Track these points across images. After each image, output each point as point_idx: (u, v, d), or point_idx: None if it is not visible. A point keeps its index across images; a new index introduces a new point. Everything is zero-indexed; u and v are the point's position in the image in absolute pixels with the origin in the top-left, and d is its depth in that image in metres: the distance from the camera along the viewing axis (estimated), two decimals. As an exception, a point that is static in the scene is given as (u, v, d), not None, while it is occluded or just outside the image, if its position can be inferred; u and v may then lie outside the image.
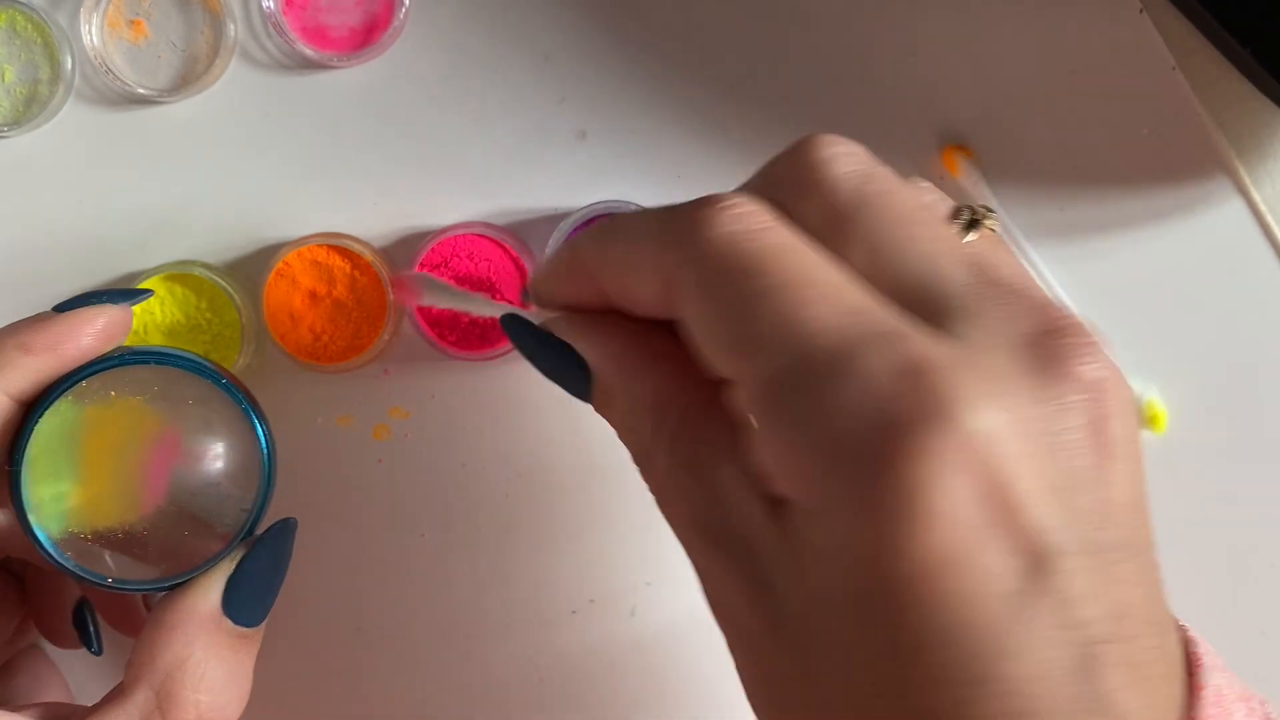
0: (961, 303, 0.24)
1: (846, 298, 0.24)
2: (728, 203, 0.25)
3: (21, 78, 0.44)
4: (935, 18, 0.44)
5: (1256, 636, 0.46)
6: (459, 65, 0.45)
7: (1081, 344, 0.24)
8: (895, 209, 0.25)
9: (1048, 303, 0.24)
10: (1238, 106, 0.44)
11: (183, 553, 0.33)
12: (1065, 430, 0.23)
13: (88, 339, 0.33)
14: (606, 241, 0.28)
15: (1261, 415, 0.45)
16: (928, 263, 0.25)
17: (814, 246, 0.25)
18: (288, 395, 0.45)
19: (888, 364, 0.22)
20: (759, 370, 0.24)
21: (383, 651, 0.45)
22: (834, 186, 0.25)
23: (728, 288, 0.24)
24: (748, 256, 0.24)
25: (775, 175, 0.27)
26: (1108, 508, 0.23)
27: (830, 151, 0.26)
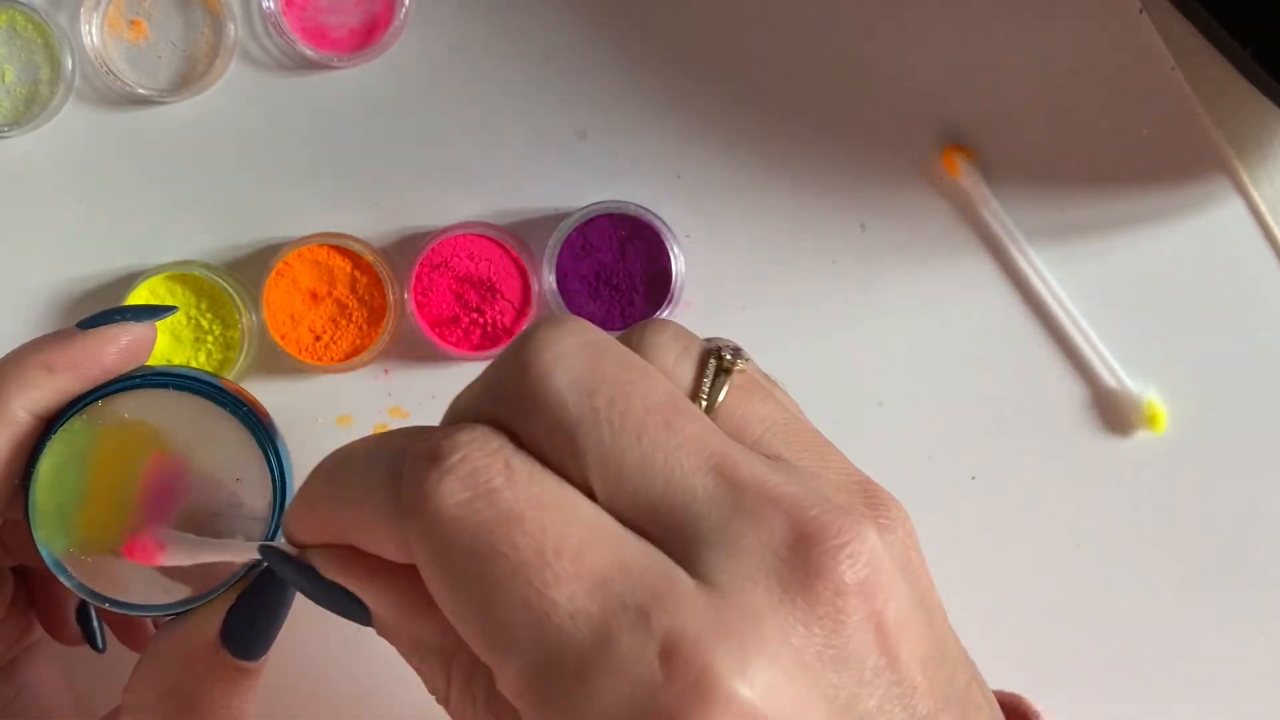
0: (708, 526, 0.23)
1: (590, 563, 0.22)
2: (453, 459, 0.23)
3: (22, 78, 0.44)
4: (936, 18, 0.44)
5: (1256, 636, 0.46)
6: (459, 65, 0.45)
7: (835, 546, 0.23)
8: (628, 419, 0.23)
9: (795, 498, 0.23)
10: (1238, 106, 0.44)
11: (198, 575, 0.33)
12: (844, 644, 0.22)
13: (111, 358, 0.33)
14: (334, 500, 0.26)
15: (1261, 415, 0.45)
16: (669, 480, 0.23)
17: (551, 482, 0.23)
18: (288, 395, 0.45)
19: (642, 650, 0.21)
20: (511, 666, 0.22)
21: (384, 651, 0.45)
22: (557, 406, 0.23)
23: (465, 575, 0.23)
24: (480, 532, 0.22)
25: (498, 391, 0.25)
26: (902, 689, 0.23)
27: (548, 358, 0.24)
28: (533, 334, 0.24)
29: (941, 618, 0.25)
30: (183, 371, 0.34)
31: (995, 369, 0.45)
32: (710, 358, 0.26)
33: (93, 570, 0.33)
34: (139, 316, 0.34)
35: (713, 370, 0.26)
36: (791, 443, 0.26)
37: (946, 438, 0.45)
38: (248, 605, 0.32)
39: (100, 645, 0.37)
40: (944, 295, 0.45)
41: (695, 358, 0.26)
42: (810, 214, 0.45)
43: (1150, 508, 0.45)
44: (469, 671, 0.25)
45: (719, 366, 0.26)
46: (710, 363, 0.26)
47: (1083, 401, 0.45)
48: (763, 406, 0.26)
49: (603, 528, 0.23)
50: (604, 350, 0.24)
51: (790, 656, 0.22)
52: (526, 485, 0.23)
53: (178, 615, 0.33)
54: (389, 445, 0.25)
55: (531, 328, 0.25)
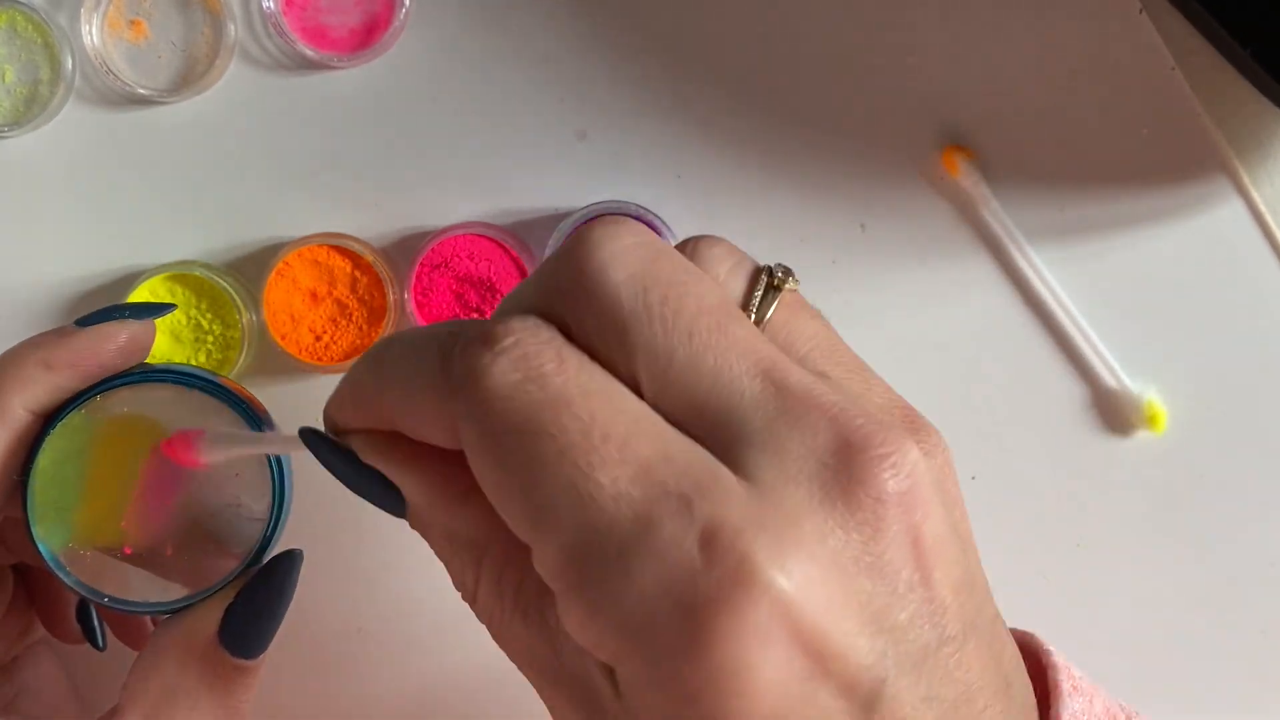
0: (754, 427, 0.23)
1: (636, 451, 0.23)
2: (506, 341, 0.23)
3: (22, 78, 0.44)
4: (936, 18, 0.44)
5: (1256, 636, 0.46)
6: (459, 65, 0.45)
7: (879, 455, 0.23)
8: (680, 317, 0.24)
9: (840, 407, 0.23)
10: (1238, 106, 0.44)
11: (196, 572, 0.33)
12: (881, 552, 0.23)
13: (109, 355, 0.33)
14: (382, 380, 0.26)
15: (1261, 415, 0.45)
16: (717, 380, 0.24)
17: (599, 374, 0.24)
18: (288, 395, 0.45)
19: (683, 535, 0.22)
20: (550, 545, 0.23)
21: (385, 652, 0.46)
22: (612, 299, 0.24)
23: (511, 454, 0.23)
24: (529, 413, 0.23)
25: (552, 284, 0.25)
26: (933, 608, 0.23)
27: (606, 254, 0.24)
28: (589, 230, 0.25)
29: (974, 552, 0.26)
30: (181, 368, 0.34)
31: (995, 369, 0.45)
32: (762, 274, 0.26)
33: (91, 567, 0.33)
34: (137, 314, 0.34)
35: (763, 286, 0.26)
36: (837, 362, 0.26)
37: (946, 437, 0.45)
38: (246, 603, 0.32)
39: (101, 643, 0.37)
40: (944, 295, 0.45)
41: (748, 272, 0.27)
42: (810, 214, 0.45)
43: (1150, 508, 0.45)
44: (500, 567, 0.26)
45: (770, 283, 0.26)
46: (761, 279, 0.26)
47: (1083, 401, 0.45)
48: (810, 325, 0.27)
49: (649, 420, 0.23)
50: (660, 252, 0.25)
51: (827, 557, 0.22)
52: (576, 373, 0.23)
53: (176, 613, 0.33)
54: (440, 330, 0.25)
55: (588, 226, 0.25)
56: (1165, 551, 0.46)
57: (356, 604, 0.45)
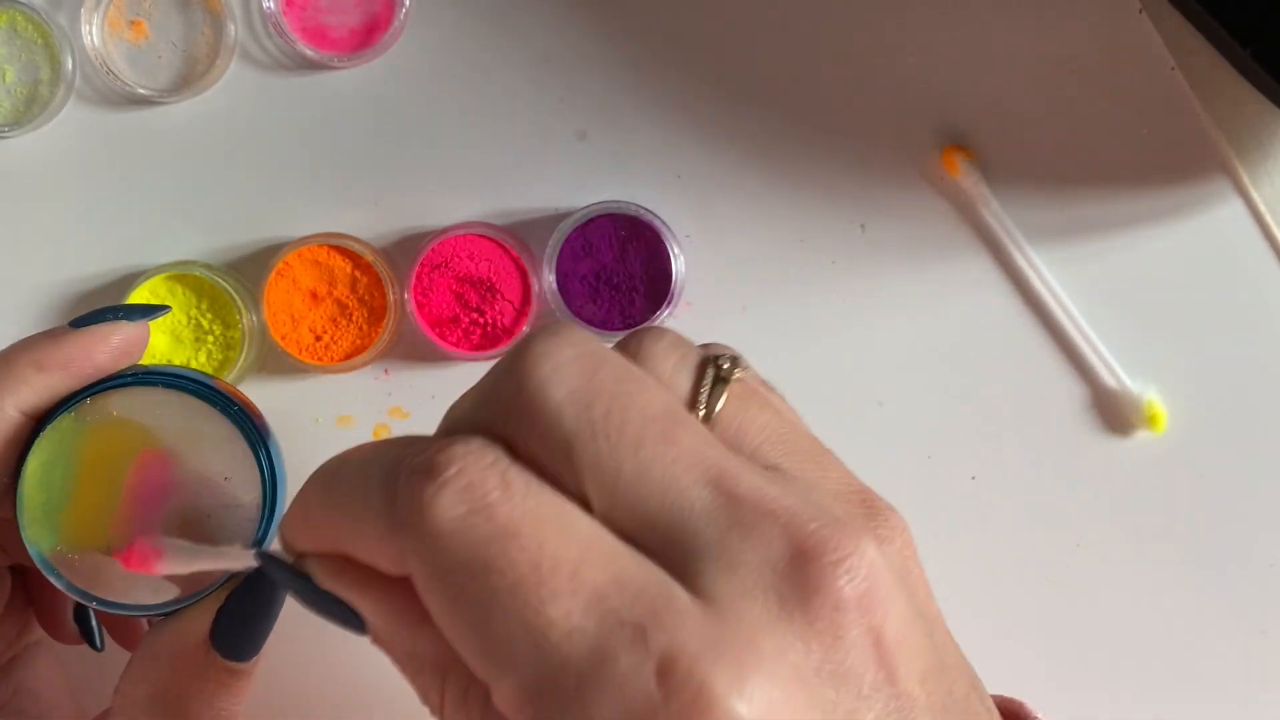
0: (706, 540, 0.23)
1: (587, 579, 0.22)
2: (449, 472, 0.23)
3: (22, 78, 0.44)
4: (936, 18, 0.44)
5: (1256, 636, 0.46)
6: (459, 65, 0.45)
7: (834, 561, 0.23)
8: (625, 431, 0.23)
9: (792, 512, 0.23)
10: (1238, 106, 0.44)
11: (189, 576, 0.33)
12: (843, 659, 0.22)
13: (102, 356, 0.33)
14: (330, 510, 0.25)
15: (1261, 415, 0.45)
16: (666, 493, 0.23)
17: (547, 496, 0.23)
18: (288, 395, 0.45)
19: (639, 667, 0.21)
20: (507, 682, 0.22)
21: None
22: (554, 417, 0.23)
23: (461, 590, 0.22)
24: (476, 548, 0.22)
25: (494, 402, 0.24)
26: (901, 704, 0.23)
27: (545, 370, 0.24)
28: (529, 345, 0.24)
29: (941, 627, 0.25)
30: (174, 370, 0.34)
31: (995, 369, 0.45)
32: (708, 366, 0.26)
33: (81, 569, 0.32)
34: (131, 315, 0.34)
35: (710, 379, 0.26)
36: (789, 452, 0.25)
37: (946, 438, 0.45)
38: (237, 606, 0.32)
39: (98, 644, 0.37)
40: (944, 295, 0.45)
41: (693, 366, 0.26)
42: (810, 214, 0.45)
43: (1150, 508, 0.45)
44: (464, 686, 0.25)
45: (716, 375, 0.26)
46: (708, 371, 0.26)
47: (1083, 401, 0.45)
48: (760, 415, 0.26)
49: (600, 542, 0.23)
50: (601, 361, 0.24)
51: (788, 673, 0.22)
52: (523, 499, 0.23)
53: (168, 615, 0.33)
54: (385, 456, 0.25)
55: (528, 338, 0.25)
56: (1165, 551, 0.46)
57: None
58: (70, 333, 0.33)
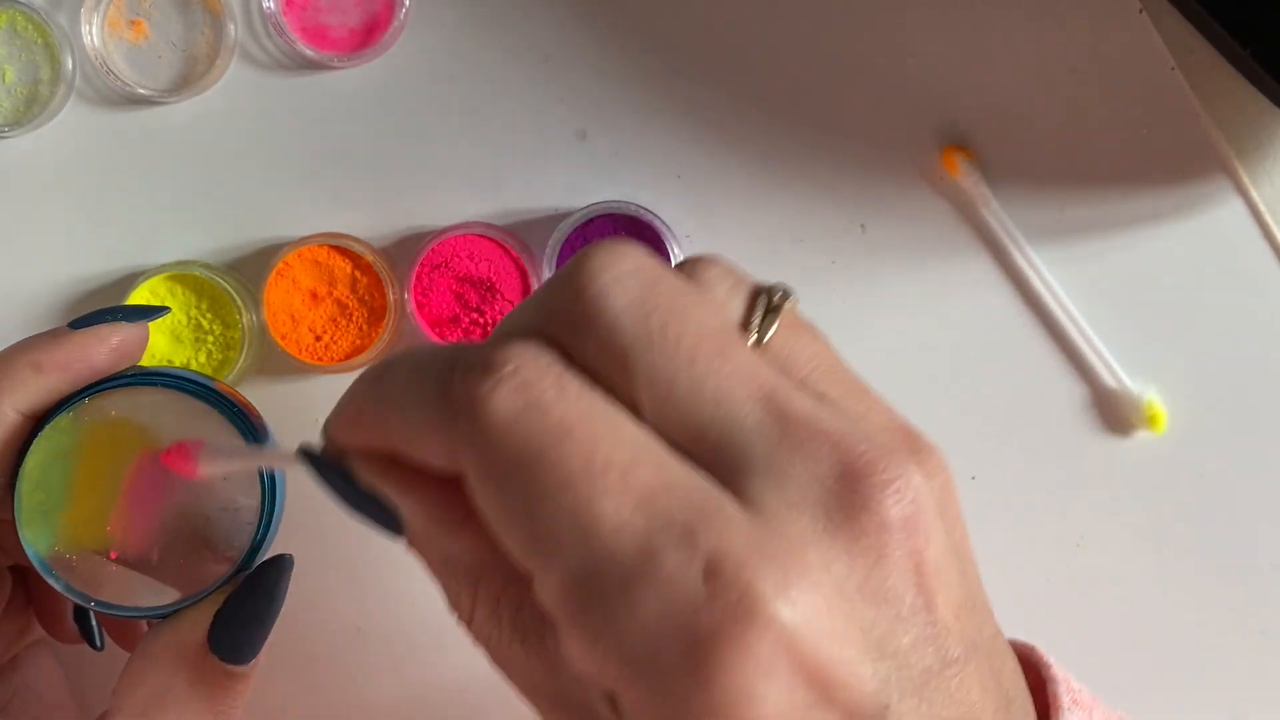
0: (756, 454, 0.23)
1: (638, 480, 0.22)
2: (506, 369, 0.23)
3: (22, 78, 0.44)
4: (935, 18, 0.44)
5: (1256, 636, 0.46)
6: (459, 65, 0.45)
7: (882, 481, 0.23)
8: (681, 343, 0.24)
9: (842, 433, 0.23)
10: (1238, 106, 0.44)
11: (188, 576, 0.33)
12: (884, 578, 0.23)
13: (101, 357, 0.33)
14: (382, 403, 0.26)
15: (1261, 415, 0.45)
16: (719, 406, 0.23)
17: (600, 400, 0.24)
18: (288, 395, 0.45)
19: (686, 566, 0.22)
20: (553, 574, 0.23)
21: (383, 651, 0.45)
22: (612, 325, 0.24)
23: (512, 483, 0.23)
24: (531, 442, 0.23)
25: (552, 308, 0.25)
26: (936, 631, 0.23)
27: (606, 279, 0.24)
28: (589, 255, 0.25)
29: (974, 569, 0.26)
30: (172, 371, 0.34)
31: (995, 369, 0.45)
32: (761, 294, 0.26)
33: (80, 570, 0.32)
34: (130, 317, 0.34)
35: (763, 307, 0.26)
36: (837, 383, 0.26)
37: (946, 438, 0.45)
38: (235, 608, 0.32)
39: (98, 644, 0.37)
40: (944, 295, 0.45)
41: (747, 293, 0.26)
42: (810, 214, 0.45)
43: (1150, 508, 0.45)
44: (497, 592, 0.25)
45: (769, 304, 0.26)
46: (760, 299, 0.26)
47: (1083, 401, 0.45)
48: (810, 345, 0.26)
49: (651, 447, 0.23)
50: (660, 276, 0.25)
51: (831, 585, 0.22)
52: (577, 400, 0.23)
53: (166, 617, 0.33)
54: (440, 353, 0.25)
55: (587, 250, 0.25)
56: (1165, 551, 0.46)
57: (354, 603, 0.45)
58: (69, 334, 0.33)
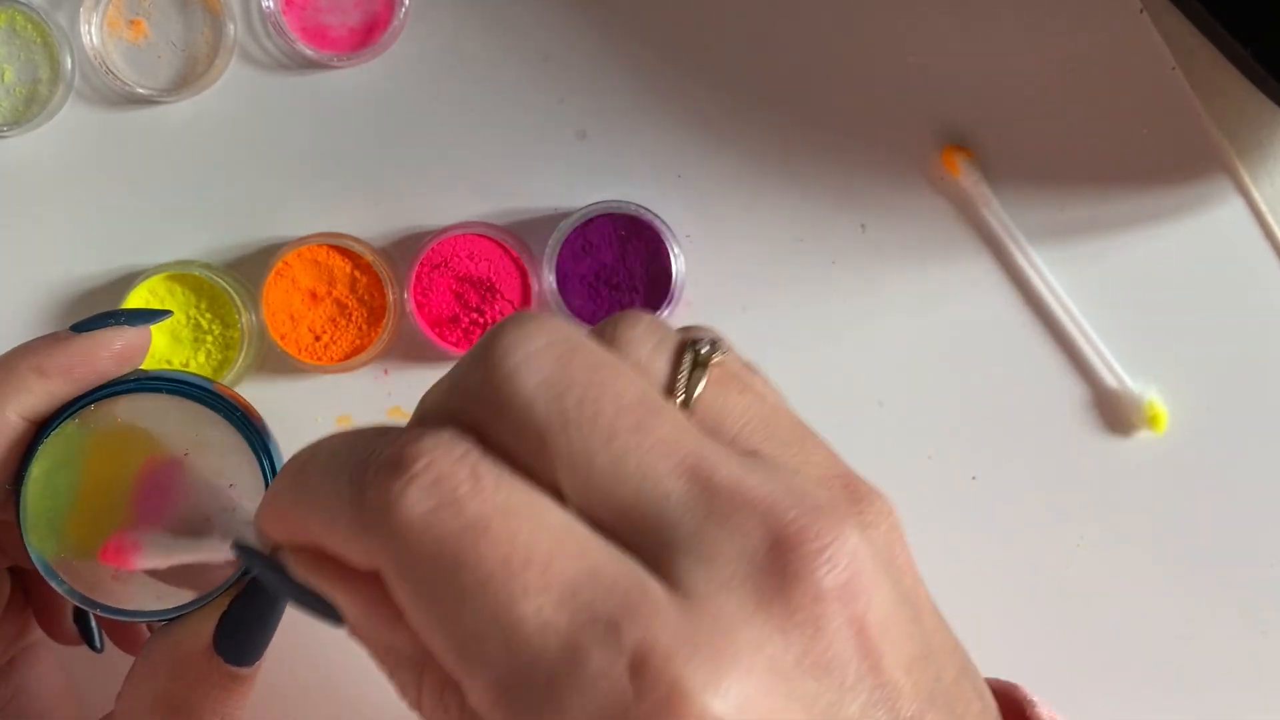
0: (683, 532, 0.22)
1: (560, 573, 0.22)
2: (417, 466, 0.22)
3: (21, 78, 0.44)
4: (935, 18, 0.44)
5: (1256, 636, 0.46)
6: (459, 65, 0.45)
7: (814, 550, 0.22)
8: (598, 421, 0.23)
9: (771, 500, 0.23)
10: (1238, 106, 0.44)
11: (193, 579, 0.33)
12: (824, 650, 0.22)
13: (105, 361, 0.32)
14: (300, 502, 0.25)
15: (1261, 415, 0.45)
16: (641, 483, 0.23)
17: (518, 489, 0.23)
18: (288, 395, 0.45)
19: (612, 664, 0.21)
20: (477, 681, 0.22)
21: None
22: (526, 406, 0.23)
23: (430, 587, 0.22)
24: (446, 543, 0.22)
25: (466, 391, 0.24)
26: (886, 693, 0.23)
27: (517, 358, 0.23)
28: (500, 333, 0.24)
29: (929, 612, 0.25)
30: (177, 375, 0.34)
31: (995, 369, 0.45)
32: (686, 351, 0.25)
33: (85, 575, 0.32)
34: (133, 320, 0.33)
35: (689, 364, 0.25)
36: (771, 436, 0.25)
37: (946, 438, 0.45)
38: (241, 611, 0.32)
39: (98, 645, 0.37)
40: (944, 295, 0.45)
41: (670, 351, 0.25)
42: (810, 214, 0.45)
43: (1150, 508, 0.45)
44: (441, 682, 0.25)
45: (695, 360, 0.25)
46: (686, 356, 0.25)
47: (1083, 401, 0.45)
48: (740, 400, 0.25)
49: (572, 535, 0.22)
50: (574, 349, 0.24)
51: (765, 666, 0.21)
52: (493, 492, 0.22)
53: (170, 620, 0.33)
54: (354, 448, 0.24)
55: (500, 325, 0.24)
56: (1165, 551, 0.46)
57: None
58: (72, 337, 0.33)
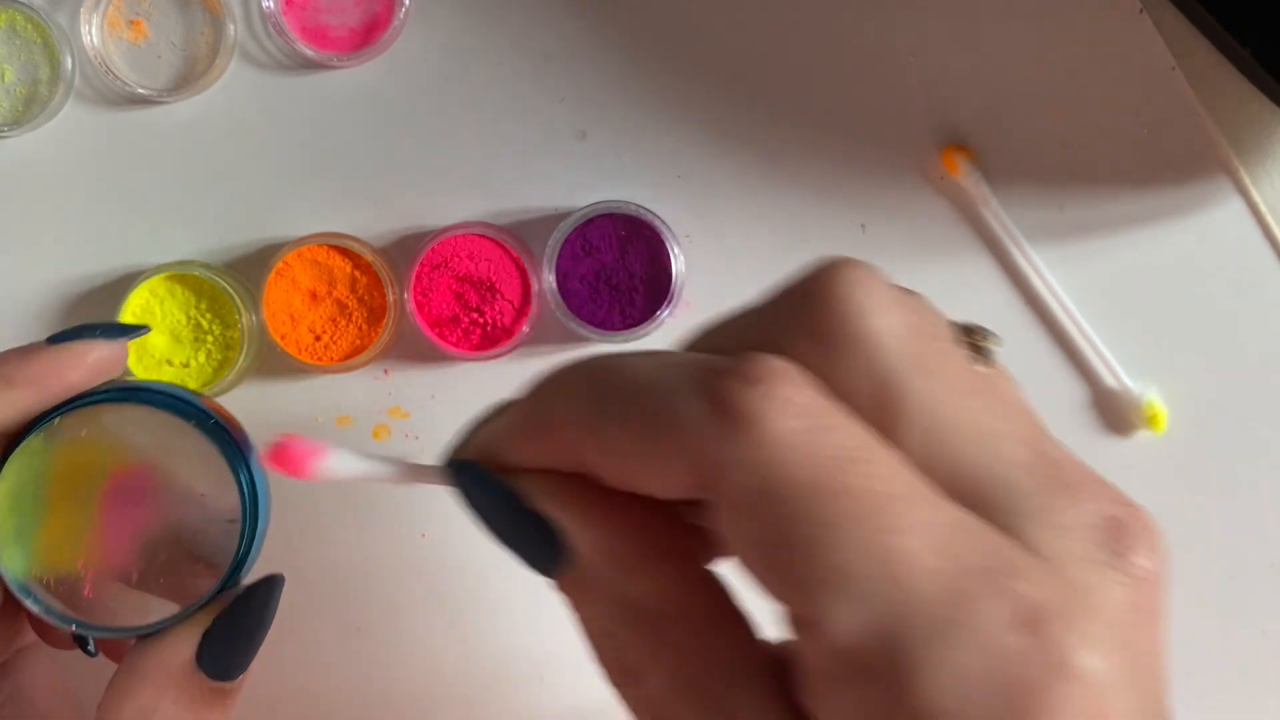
0: (1032, 499, 0.22)
1: (938, 518, 0.21)
2: (782, 389, 0.21)
3: (21, 78, 0.44)
4: (935, 18, 0.44)
5: (1257, 636, 0.46)
6: (459, 65, 0.45)
7: (1143, 538, 0.23)
8: (947, 373, 0.23)
9: (1102, 484, 0.23)
10: (1238, 106, 0.44)
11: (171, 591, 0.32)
12: (1154, 626, 0.23)
13: (74, 374, 0.32)
14: (606, 414, 0.23)
15: (1261, 415, 0.45)
16: (987, 446, 0.22)
17: (873, 432, 0.22)
18: (288, 395, 0.45)
19: (1004, 614, 0.20)
20: (844, 619, 0.20)
21: (383, 652, 0.45)
22: (879, 349, 0.22)
23: (799, 510, 0.21)
24: (821, 466, 0.21)
25: (796, 325, 0.23)
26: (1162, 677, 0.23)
27: (867, 299, 0.22)
28: (838, 270, 0.23)
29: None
30: (148, 385, 0.33)
31: (995, 369, 0.45)
32: (974, 333, 0.26)
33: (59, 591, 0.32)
34: (109, 334, 0.33)
35: (979, 343, 0.26)
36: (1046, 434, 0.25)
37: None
38: (225, 627, 0.32)
39: (92, 650, 0.37)
40: (944, 295, 0.45)
41: (954, 330, 0.26)
42: (810, 214, 0.45)
43: (1150, 508, 0.45)
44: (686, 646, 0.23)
45: (980, 342, 0.26)
46: (976, 337, 0.26)
47: (1083, 401, 0.45)
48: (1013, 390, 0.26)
49: (925, 484, 0.22)
50: (913, 301, 0.23)
51: (1121, 635, 0.22)
52: (855, 427, 0.21)
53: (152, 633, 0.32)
54: (683, 362, 0.22)
55: (829, 263, 0.23)
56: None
57: (355, 604, 0.45)
58: (44, 349, 0.32)
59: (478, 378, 0.45)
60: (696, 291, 0.45)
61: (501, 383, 0.45)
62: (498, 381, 0.45)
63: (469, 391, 0.45)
